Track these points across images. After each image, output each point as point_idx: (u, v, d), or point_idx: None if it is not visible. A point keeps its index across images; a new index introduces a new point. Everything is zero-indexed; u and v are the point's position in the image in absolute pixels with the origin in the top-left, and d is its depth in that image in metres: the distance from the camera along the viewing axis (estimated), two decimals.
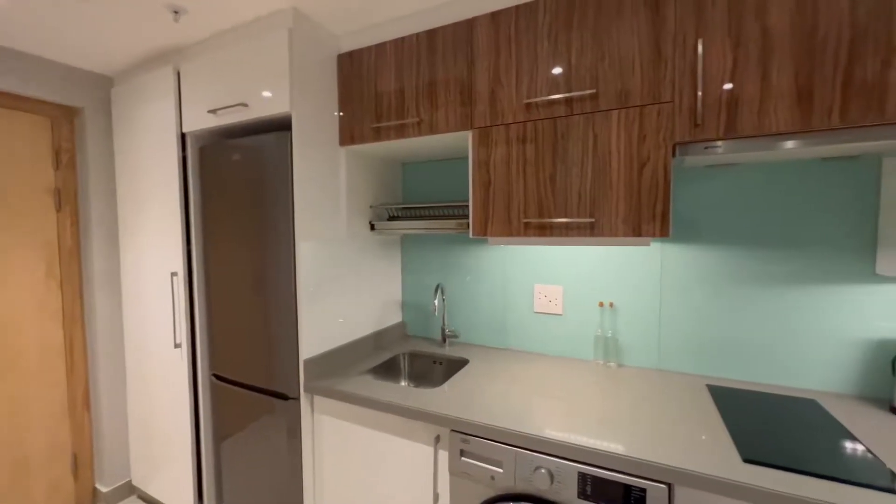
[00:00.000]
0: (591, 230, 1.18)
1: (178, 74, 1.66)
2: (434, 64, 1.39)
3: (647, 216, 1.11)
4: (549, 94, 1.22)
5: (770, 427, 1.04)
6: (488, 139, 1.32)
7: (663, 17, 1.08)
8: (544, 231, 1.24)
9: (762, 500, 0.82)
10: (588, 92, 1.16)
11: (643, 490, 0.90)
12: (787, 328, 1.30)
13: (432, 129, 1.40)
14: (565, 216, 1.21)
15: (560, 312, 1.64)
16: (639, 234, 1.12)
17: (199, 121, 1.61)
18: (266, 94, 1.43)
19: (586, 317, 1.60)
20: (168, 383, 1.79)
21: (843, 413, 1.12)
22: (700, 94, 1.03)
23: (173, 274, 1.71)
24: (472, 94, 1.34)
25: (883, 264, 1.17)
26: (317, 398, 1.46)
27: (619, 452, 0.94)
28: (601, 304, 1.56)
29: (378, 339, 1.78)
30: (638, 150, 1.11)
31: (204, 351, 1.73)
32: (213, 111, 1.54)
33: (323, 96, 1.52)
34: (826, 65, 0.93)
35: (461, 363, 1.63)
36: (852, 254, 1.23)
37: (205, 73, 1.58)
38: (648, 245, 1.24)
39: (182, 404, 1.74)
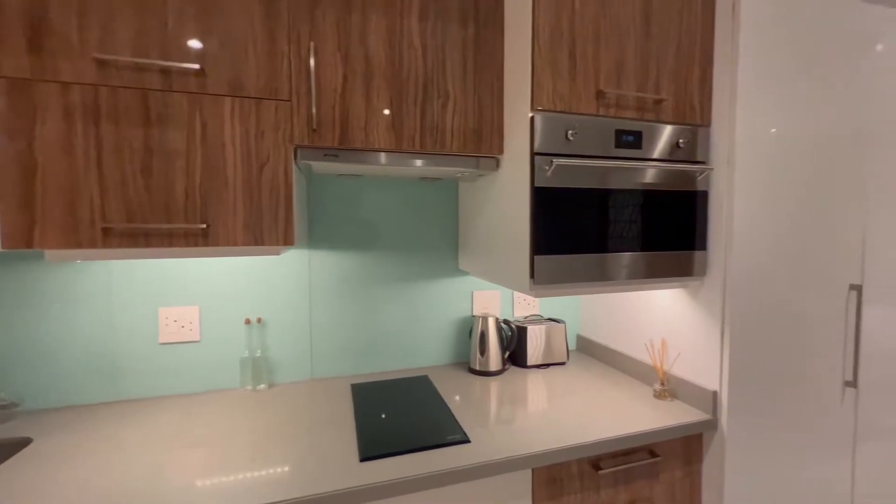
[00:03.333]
0: (204, 238, 0.96)
1: None
2: None
3: (270, 223, 1.01)
4: (136, 57, 0.91)
5: (391, 414, 1.16)
6: (31, 100, 0.86)
7: (277, 10, 1.00)
8: (137, 239, 0.92)
9: (374, 495, 0.85)
10: (192, 67, 0.93)
11: None
12: (408, 318, 1.55)
13: None
14: (168, 221, 0.94)
15: (197, 338, 1.33)
16: (262, 243, 1.00)
17: None
18: None
19: (231, 338, 1.36)
20: None
21: (442, 381, 1.41)
22: (315, 98, 1.01)
23: None
24: None
25: (461, 262, 1.57)
26: None
27: None
28: (248, 322, 1.37)
29: None
30: (257, 147, 0.99)
31: None
32: None
33: None
34: (410, 99, 1.10)
35: (15, 448, 1.03)
36: (447, 254, 1.59)
37: None
38: (279, 254, 1.15)
39: None
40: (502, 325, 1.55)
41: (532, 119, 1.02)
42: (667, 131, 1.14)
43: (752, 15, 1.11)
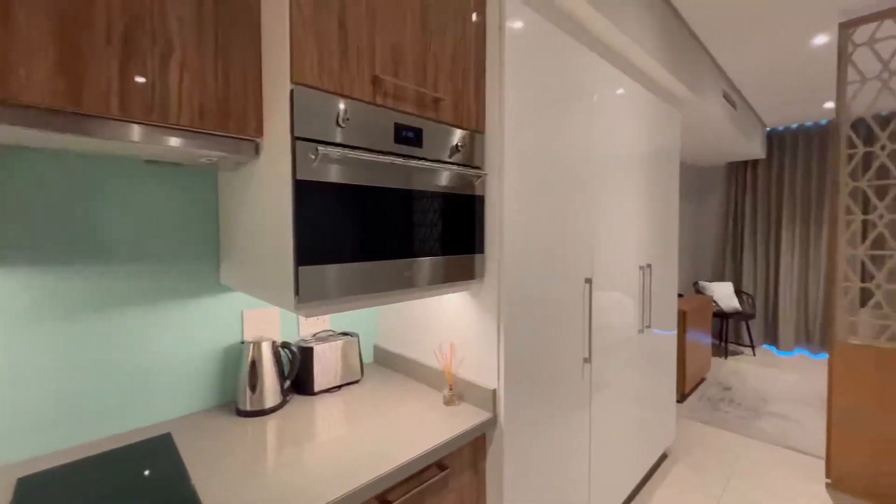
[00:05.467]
0: None
1: None
2: None
3: None
4: None
5: None
6: None
7: None
8: None
9: None
10: None
11: None
12: (144, 356, 1.10)
13: None
14: None
15: None
16: None
17: None
18: None
19: None
20: None
21: (192, 438, 1.04)
22: None
23: None
24: None
25: (224, 275, 1.22)
26: None
27: None
28: None
29: None
30: None
31: None
32: None
33: None
34: (100, 39, 0.73)
35: None
36: (201, 265, 1.20)
37: None
38: None
39: None
40: (280, 349, 1.28)
41: (292, 94, 0.81)
42: (447, 132, 1.12)
43: (514, 44, 1.20)
